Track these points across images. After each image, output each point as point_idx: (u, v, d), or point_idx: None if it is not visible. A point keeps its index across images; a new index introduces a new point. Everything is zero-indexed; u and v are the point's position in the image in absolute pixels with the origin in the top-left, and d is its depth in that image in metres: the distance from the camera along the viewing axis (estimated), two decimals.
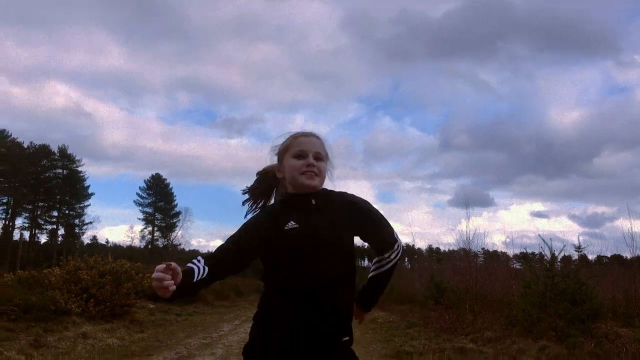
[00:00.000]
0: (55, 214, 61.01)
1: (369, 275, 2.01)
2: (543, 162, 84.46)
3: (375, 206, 1.99)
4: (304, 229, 1.82)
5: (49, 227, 61.28)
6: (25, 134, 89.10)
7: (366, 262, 42.75)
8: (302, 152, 1.88)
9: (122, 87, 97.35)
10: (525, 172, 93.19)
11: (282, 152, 1.96)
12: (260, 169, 2.11)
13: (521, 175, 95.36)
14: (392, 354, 8.47)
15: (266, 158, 2.08)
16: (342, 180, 2.13)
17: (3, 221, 56.16)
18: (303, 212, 1.86)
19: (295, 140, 1.93)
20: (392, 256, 1.96)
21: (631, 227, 13.03)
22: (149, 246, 63.75)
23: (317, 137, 1.96)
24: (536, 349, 8.22)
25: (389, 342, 10.20)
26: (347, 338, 1.85)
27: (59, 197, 60.30)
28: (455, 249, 19.70)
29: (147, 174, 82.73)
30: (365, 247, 2.15)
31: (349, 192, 1.99)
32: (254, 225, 1.90)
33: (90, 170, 66.23)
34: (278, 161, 2.00)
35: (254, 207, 2.07)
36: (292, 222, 1.82)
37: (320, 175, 1.89)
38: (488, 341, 9.57)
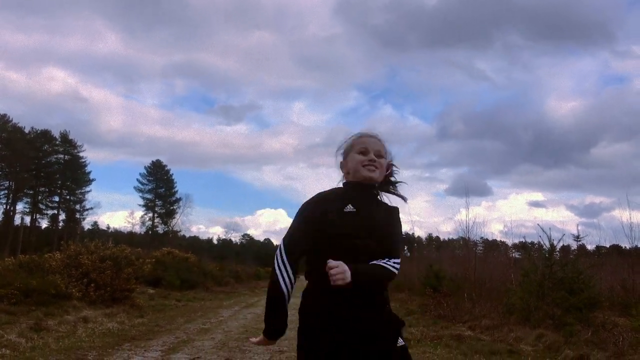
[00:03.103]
0: (56, 199, 61.28)
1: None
2: (540, 152, 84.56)
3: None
4: (361, 212, 2.00)
5: (50, 212, 61.63)
6: (23, 119, 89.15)
7: None
8: (365, 149, 2.11)
9: (119, 73, 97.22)
10: (522, 161, 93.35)
11: (348, 150, 2.18)
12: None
13: (519, 164, 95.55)
14: None
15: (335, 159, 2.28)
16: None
17: (4, 206, 56.34)
18: (363, 199, 2.06)
19: (360, 139, 2.15)
20: (396, 266, 2.05)
21: (630, 218, 13.00)
22: (150, 232, 63.94)
23: (379, 139, 2.18)
24: (533, 337, 8.27)
25: None
26: (402, 343, 1.99)
27: (60, 182, 60.42)
28: (455, 237, 19.73)
29: (146, 160, 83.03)
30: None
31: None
32: (313, 211, 2.03)
33: (88, 155, 66.65)
34: (343, 159, 2.20)
35: None
36: (351, 205, 2.00)
37: (380, 169, 2.11)
38: (486, 329, 9.62)
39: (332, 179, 2.27)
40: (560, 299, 9.39)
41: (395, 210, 2.17)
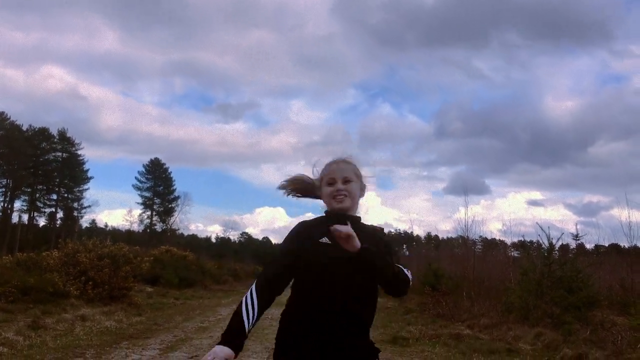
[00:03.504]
0: (54, 197, 61.03)
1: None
2: (538, 151, 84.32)
3: (374, 194, 2.12)
4: (336, 245, 1.94)
5: (48, 210, 61.40)
6: (21, 117, 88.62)
7: None
8: (332, 179, 2.09)
9: (117, 71, 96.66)
10: (521, 160, 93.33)
11: (321, 182, 2.16)
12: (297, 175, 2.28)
13: (517, 163, 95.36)
14: (389, 340, 8.51)
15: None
16: None
17: (2, 204, 56.17)
18: None
19: (328, 169, 2.14)
20: (409, 277, 2.12)
21: (629, 217, 12.99)
22: (148, 230, 63.85)
23: (346, 162, 2.15)
24: (532, 336, 8.27)
25: (386, 327, 10.26)
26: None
27: (58, 180, 60.25)
28: (454, 236, 19.72)
29: (144, 158, 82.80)
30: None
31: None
32: (295, 240, 2.05)
33: (86, 153, 66.43)
34: (321, 190, 2.18)
35: (287, 194, 2.27)
36: (326, 237, 1.98)
37: (350, 195, 2.08)
38: (484, 327, 9.62)
39: None
40: (559, 298, 9.39)
41: (378, 232, 2.16)
